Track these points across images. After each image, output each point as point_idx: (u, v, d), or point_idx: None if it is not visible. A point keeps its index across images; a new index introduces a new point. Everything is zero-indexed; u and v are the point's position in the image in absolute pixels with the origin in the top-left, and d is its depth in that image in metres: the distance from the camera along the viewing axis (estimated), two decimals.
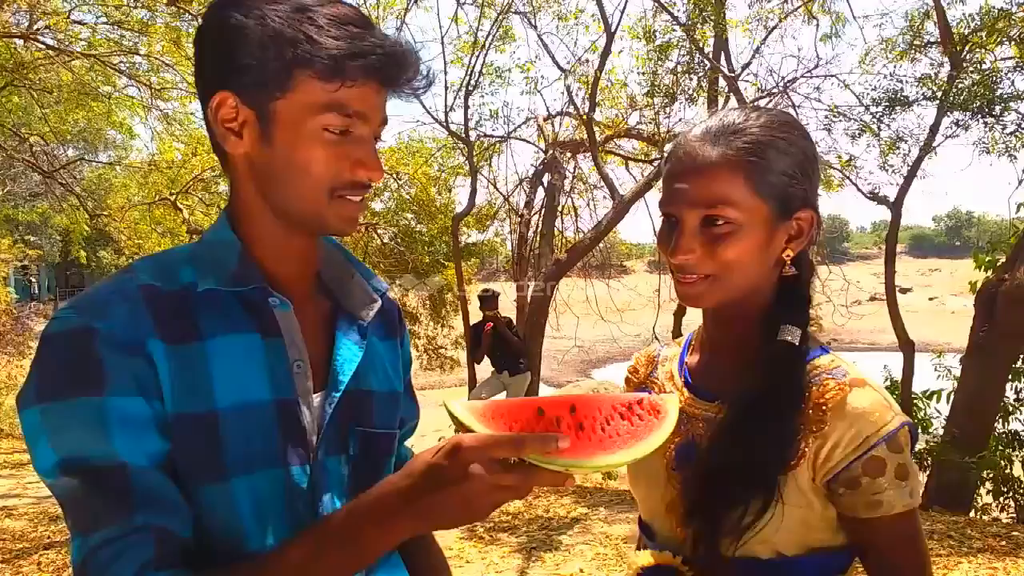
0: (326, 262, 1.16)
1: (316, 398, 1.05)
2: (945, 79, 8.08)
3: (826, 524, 1.09)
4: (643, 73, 10.08)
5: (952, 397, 7.07)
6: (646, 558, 1.18)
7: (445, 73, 10.22)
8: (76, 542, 0.86)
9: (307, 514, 1.00)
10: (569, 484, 0.84)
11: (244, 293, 1.00)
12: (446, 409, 0.87)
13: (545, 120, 11.06)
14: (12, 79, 10.41)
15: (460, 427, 0.86)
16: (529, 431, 0.86)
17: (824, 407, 1.07)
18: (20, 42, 10.19)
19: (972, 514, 6.53)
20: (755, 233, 1.08)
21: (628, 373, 1.39)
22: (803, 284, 1.17)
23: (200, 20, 1.02)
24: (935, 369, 8.01)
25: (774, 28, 9.61)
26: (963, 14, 8.23)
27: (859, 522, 1.07)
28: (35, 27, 9.96)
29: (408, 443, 1.38)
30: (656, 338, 9.39)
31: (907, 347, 7.61)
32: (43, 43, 10.07)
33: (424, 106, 10.31)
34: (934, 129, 8.12)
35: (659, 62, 9.72)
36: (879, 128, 9.00)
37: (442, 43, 9.87)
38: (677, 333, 9.27)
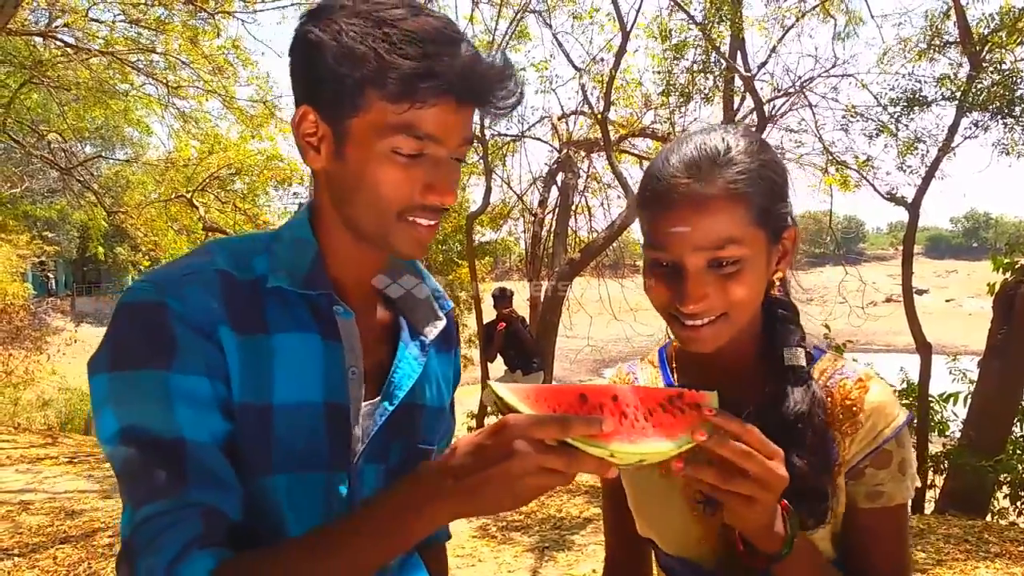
0: (395, 272, 1.16)
1: (366, 406, 1.05)
2: (964, 79, 8.00)
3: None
4: (658, 72, 10.05)
5: (969, 400, 7.02)
6: None
7: None
8: (126, 512, 0.87)
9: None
10: (611, 474, 0.82)
11: (310, 296, 1.01)
12: (490, 390, 0.85)
13: (560, 119, 11.05)
14: (31, 76, 10.51)
15: (503, 409, 0.84)
16: (573, 414, 0.84)
17: (853, 407, 1.08)
18: (39, 40, 10.28)
19: (989, 518, 6.47)
20: (759, 264, 1.04)
21: None
22: (786, 300, 1.16)
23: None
24: (951, 372, 7.95)
25: (791, 27, 9.55)
26: (983, 14, 8.13)
27: (855, 511, 1.08)
28: (54, 25, 10.05)
29: None
30: (668, 337, 9.34)
31: (924, 349, 7.54)
32: (61, 41, 10.16)
33: None
34: (953, 130, 8.04)
35: (674, 61, 9.68)
36: (897, 128, 8.93)
37: None
38: None
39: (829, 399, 1.09)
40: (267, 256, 1.02)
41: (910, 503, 1.11)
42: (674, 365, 1.25)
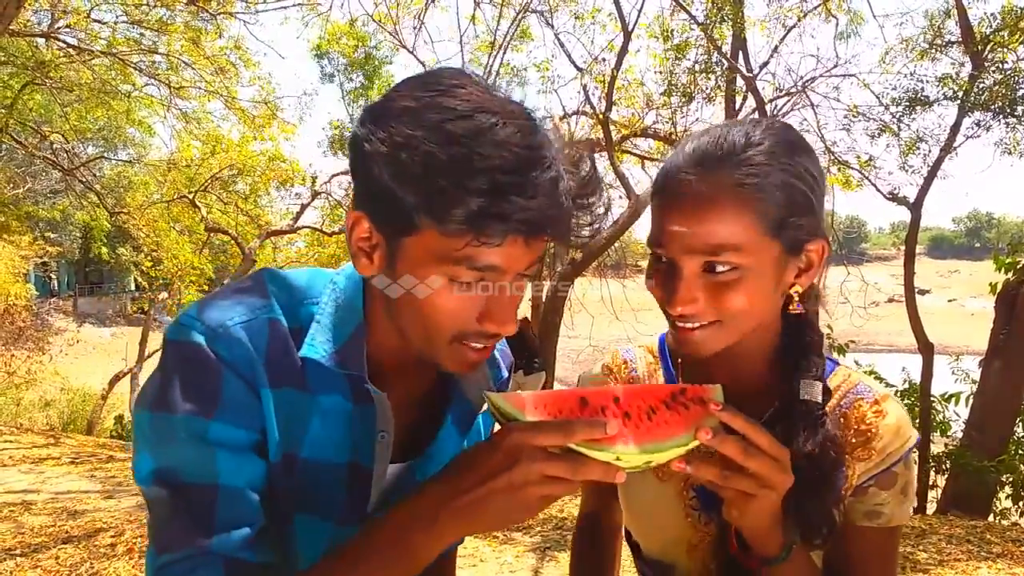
0: None
1: (394, 468, 1.02)
2: (966, 79, 8.00)
3: None
4: (660, 72, 10.04)
5: (971, 400, 7.01)
6: None
7: None
8: (151, 554, 0.86)
9: None
10: (620, 479, 0.79)
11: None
12: (488, 400, 0.83)
13: (561, 119, 11.04)
14: (33, 77, 10.53)
15: (501, 418, 0.82)
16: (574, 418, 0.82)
17: (868, 433, 1.04)
18: (41, 41, 10.29)
19: (991, 519, 6.47)
20: (764, 275, 0.96)
21: (604, 378, 1.25)
22: (812, 322, 1.07)
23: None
24: (953, 372, 7.94)
25: (792, 27, 9.55)
26: (985, 13, 8.13)
27: (850, 527, 1.05)
28: (56, 26, 10.06)
29: None
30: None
31: (926, 349, 7.54)
32: (64, 42, 10.17)
33: None
34: (955, 129, 8.04)
35: (676, 61, 9.68)
36: (899, 128, 8.93)
37: (460, 43, 9.87)
38: None
39: (843, 420, 1.05)
40: (317, 308, 0.97)
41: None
42: (679, 360, 1.17)
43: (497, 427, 0.85)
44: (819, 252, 1.00)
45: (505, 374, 1.18)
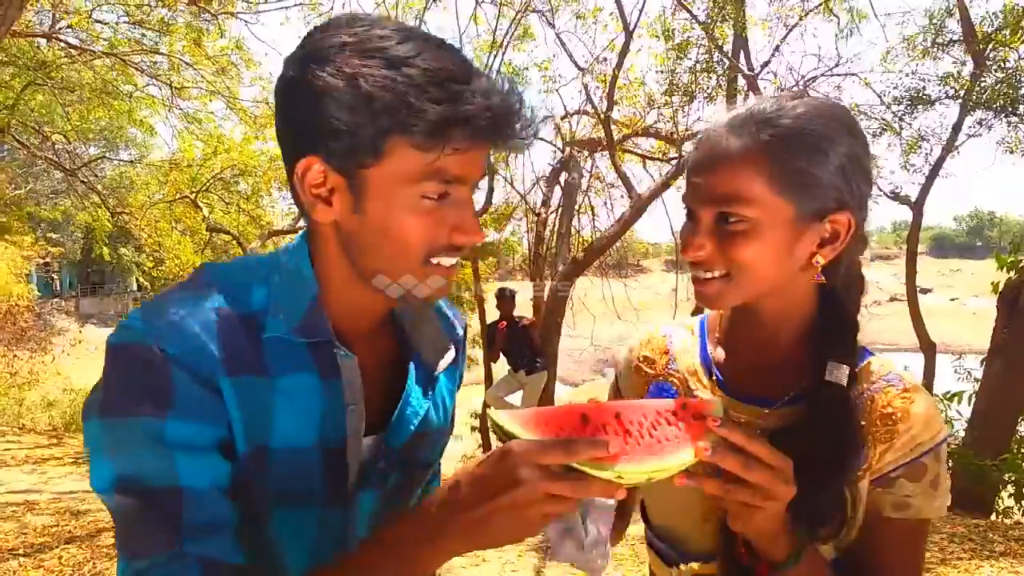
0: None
1: (366, 441, 1.00)
2: (968, 78, 7.99)
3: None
4: (661, 71, 10.04)
5: (973, 399, 7.00)
6: (689, 572, 1.15)
7: None
8: (122, 564, 0.84)
9: (335, 547, 0.99)
10: (620, 495, 0.79)
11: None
12: (488, 418, 0.84)
13: (563, 119, 11.04)
14: (35, 78, 10.53)
15: (502, 436, 0.82)
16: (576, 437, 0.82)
17: (893, 417, 1.04)
18: (43, 41, 10.30)
19: (993, 517, 6.46)
20: (775, 233, 0.99)
21: (638, 362, 1.28)
22: (850, 306, 1.09)
23: (281, 75, 0.93)
24: (955, 371, 7.94)
25: (794, 26, 9.55)
26: (986, 12, 8.13)
27: (878, 519, 1.05)
28: (57, 26, 10.07)
29: None
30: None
31: (928, 349, 7.54)
32: (65, 42, 10.18)
33: None
34: (956, 128, 8.04)
35: (678, 61, 9.68)
36: (900, 127, 8.93)
37: (460, 43, 9.86)
38: None
39: (870, 403, 1.05)
40: (266, 289, 0.96)
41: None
42: (716, 337, 1.21)
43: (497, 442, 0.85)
44: (845, 225, 1.01)
45: (461, 333, 1.17)
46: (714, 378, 1.17)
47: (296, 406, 0.94)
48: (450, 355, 1.12)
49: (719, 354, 1.19)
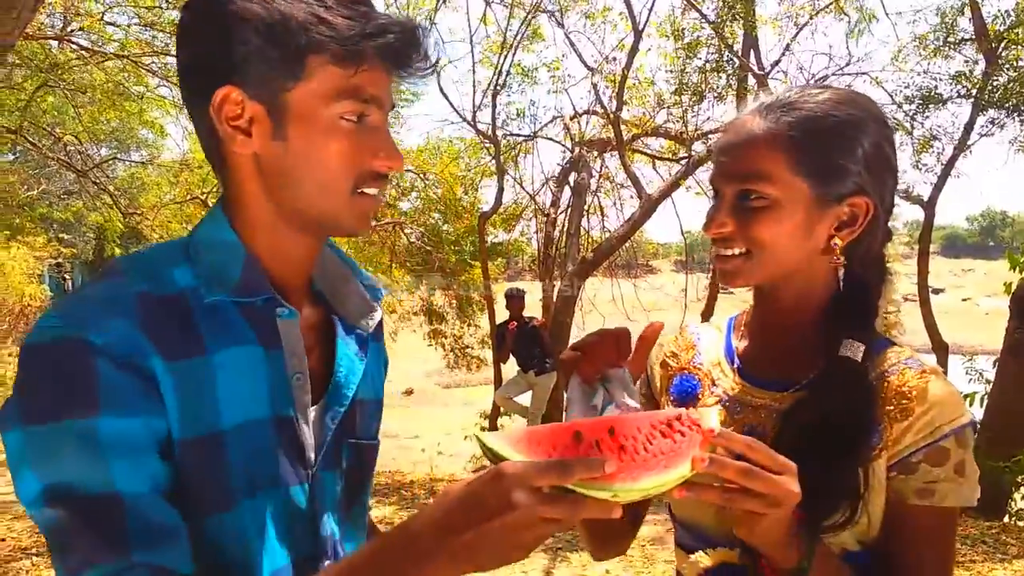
0: (321, 265, 1.07)
1: (313, 411, 0.98)
2: (980, 76, 7.94)
3: (882, 513, 1.05)
4: (671, 71, 10.02)
5: (985, 400, 6.95)
6: (705, 559, 1.14)
7: (473, 73, 10.24)
8: None
9: (307, 534, 0.95)
10: (616, 515, 0.76)
11: (247, 303, 0.92)
12: (478, 441, 0.80)
13: (572, 119, 11.03)
14: (47, 79, 10.59)
15: (493, 458, 0.79)
16: (570, 456, 0.79)
17: (908, 395, 1.04)
18: (55, 43, 10.36)
19: (1007, 519, 6.41)
20: (793, 212, 1.03)
21: (665, 357, 1.29)
22: (868, 288, 1.10)
23: (185, 7, 0.91)
24: (967, 372, 7.88)
25: (804, 25, 9.51)
26: (998, 10, 8.07)
27: (903, 507, 1.03)
28: (69, 29, 10.12)
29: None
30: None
31: (940, 349, 7.49)
32: (77, 44, 10.23)
33: (452, 105, 10.41)
34: (968, 127, 7.99)
35: (687, 60, 9.65)
36: (912, 126, 8.87)
37: (471, 43, 9.88)
38: None
39: (884, 384, 1.05)
40: (188, 266, 0.91)
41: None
42: (740, 331, 1.24)
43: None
44: (864, 209, 1.06)
45: (383, 293, 1.14)
46: (735, 366, 1.19)
47: (240, 380, 0.90)
48: (377, 315, 1.09)
49: (741, 344, 1.22)
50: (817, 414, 1.01)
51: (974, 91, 8.01)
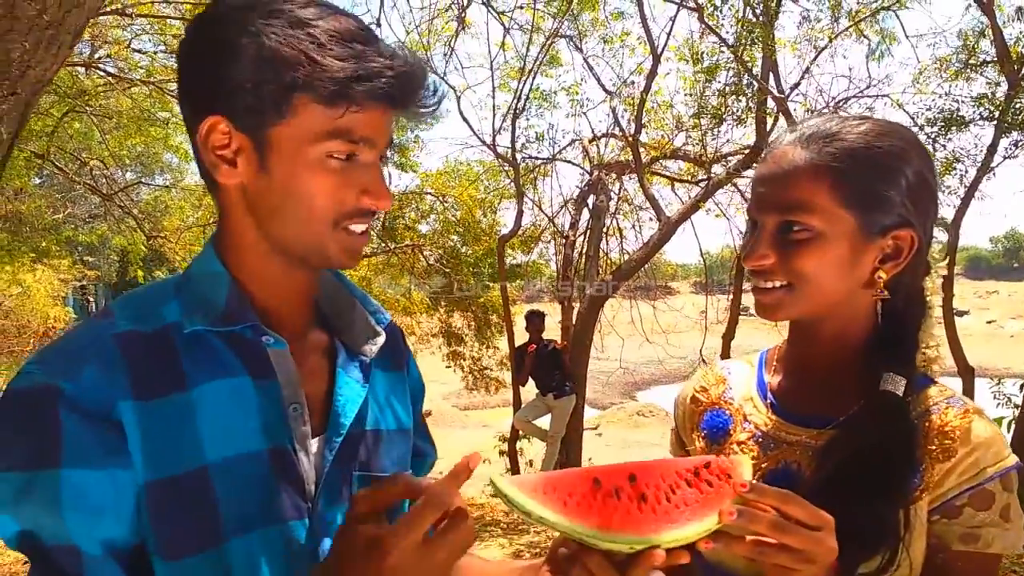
0: (325, 291, 1.07)
1: (315, 443, 0.96)
2: (1003, 98, 7.88)
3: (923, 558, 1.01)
4: (690, 94, 10.03)
5: (1013, 425, 6.83)
6: None
7: (493, 97, 10.32)
8: None
9: (306, 571, 0.91)
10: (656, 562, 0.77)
11: (234, 333, 0.91)
12: (495, 487, 0.80)
13: (590, 142, 11.06)
14: (74, 106, 10.77)
15: (510, 504, 0.80)
16: (587, 504, 0.79)
17: (951, 435, 1.00)
18: (82, 70, 10.56)
19: None
20: (837, 245, 1.01)
21: (695, 392, 1.27)
22: (908, 322, 1.08)
23: (185, 31, 0.92)
24: (994, 396, 7.75)
25: (824, 48, 9.49)
26: (1020, 32, 8.01)
27: (946, 553, 0.99)
28: (96, 56, 10.32)
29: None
30: (703, 360, 9.26)
31: (966, 373, 7.38)
32: (104, 71, 10.42)
33: (472, 129, 10.48)
34: (992, 149, 7.91)
35: (706, 83, 9.66)
36: (935, 148, 8.81)
37: (491, 68, 9.95)
38: (725, 356, 9.12)
39: (927, 423, 1.03)
40: (176, 301, 0.92)
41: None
42: (773, 366, 1.20)
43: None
44: (908, 241, 1.03)
45: (388, 318, 1.13)
46: (768, 401, 1.16)
47: (226, 413, 0.88)
48: (379, 340, 1.07)
49: (775, 379, 1.18)
50: (857, 449, 0.97)
51: (997, 113, 7.95)
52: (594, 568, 0.81)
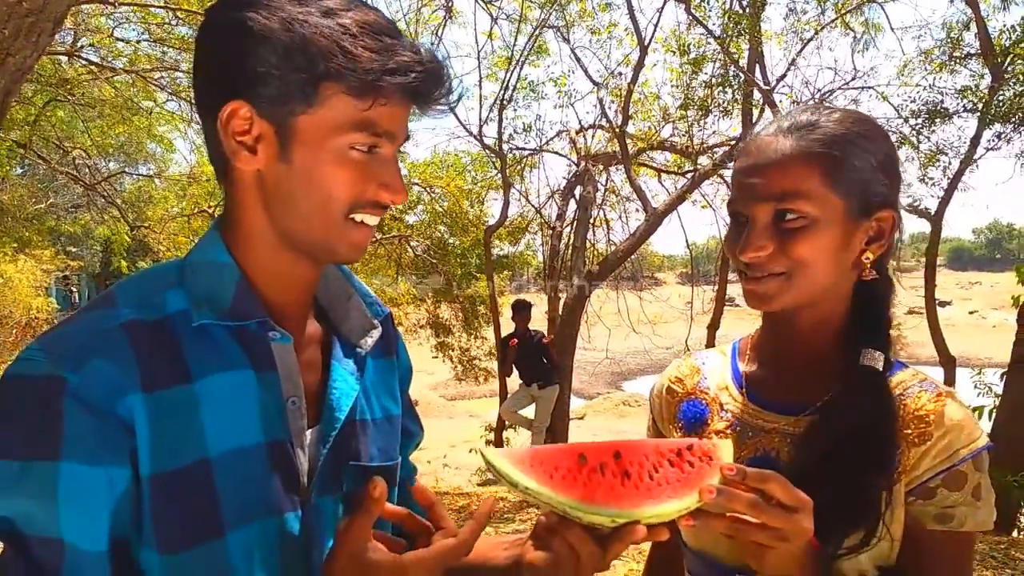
0: (323, 282, 1.06)
1: (309, 434, 0.96)
2: (986, 91, 7.94)
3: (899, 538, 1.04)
4: (676, 86, 10.04)
5: (993, 414, 6.91)
6: None
7: (480, 87, 10.30)
8: None
9: (299, 561, 0.92)
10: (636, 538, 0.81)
11: (241, 326, 0.91)
12: (483, 457, 0.82)
13: (577, 133, 11.06)
14: (56, 94, 10.67)
15: (498, 475, 0.81)
16: (571, 478, 0.81)
17: (926, 419, 1.03)
18: (64, 59, 10.45)
19: (1016, 534, 6.36)
20: (831, 230, 1.02)
21: (670, 383, 1.28)
22: (881, 302, 1.11)
23: (207, 14, 0.90)
24: (975, 386, 7.84)
25: (810, 40, 9.52)
26: (1004, 25, 8.09)
27: (921, 533, 1.02)
28: (79, 44, 10.21)
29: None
30: (688, 348, 9.32)
31: (948, 363, 7.46)
32: (86, 60, 10.31)
33: (459, 119, 10.42)
34: (975, 141, 7.98)
35: (693, 75, 9.67)
36: (918, 140, 8.87)
37: (478, 58, 9.93)
38: (711, 345, 9.17)
39: (901, 408, 1.05)
40: (181, 289, 0.90)
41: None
42: (747, 355, 1.22)
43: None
44: (889, 221, 1.06)
45: (387, 311, 1.13)
46: (743, 390, 1.17)
47: (228, 406, 0.88)
48: (376, 333, 1.07)
49: (749, 368, 1.20)
50: (841, 425, 1.00)
51: (980, 105, 8.01)
52: (574, 540, 0.83)
